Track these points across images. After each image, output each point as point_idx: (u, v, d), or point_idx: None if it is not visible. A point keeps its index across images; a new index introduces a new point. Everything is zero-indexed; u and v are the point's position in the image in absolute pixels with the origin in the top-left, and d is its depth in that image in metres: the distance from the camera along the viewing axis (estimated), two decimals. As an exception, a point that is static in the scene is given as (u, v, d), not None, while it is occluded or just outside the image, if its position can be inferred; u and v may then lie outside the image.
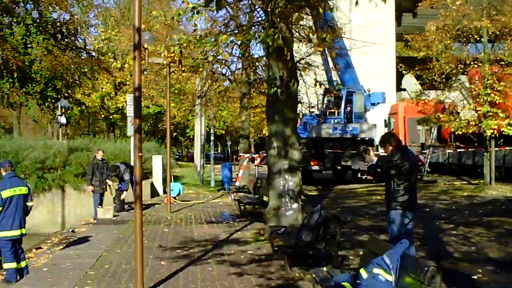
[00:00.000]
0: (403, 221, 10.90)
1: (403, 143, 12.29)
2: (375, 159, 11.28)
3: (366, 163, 11.79)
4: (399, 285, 7.96)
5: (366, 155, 11.62)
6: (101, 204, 23.04)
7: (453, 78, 34.82)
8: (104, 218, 22.49)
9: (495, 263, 13.17)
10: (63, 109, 39.30)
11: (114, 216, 22.95)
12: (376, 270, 8.13)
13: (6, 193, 13.66)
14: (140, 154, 10.85)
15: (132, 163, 25.30)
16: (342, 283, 8.27)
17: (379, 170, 11.16)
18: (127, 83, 62.18)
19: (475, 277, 11.91)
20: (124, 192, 24.64)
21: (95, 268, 13.52)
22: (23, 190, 14.11)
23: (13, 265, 13.84)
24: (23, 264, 14.26)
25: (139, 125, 10.99)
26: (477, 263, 13.14)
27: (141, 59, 11.18)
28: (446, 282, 10.89)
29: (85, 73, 46.32)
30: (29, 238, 15.94)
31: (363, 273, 8.30)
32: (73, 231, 20.68)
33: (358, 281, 8.21)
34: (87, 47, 51.74)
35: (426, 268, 7.25)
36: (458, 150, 40.05)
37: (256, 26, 16.55)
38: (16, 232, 13.83)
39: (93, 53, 52.12)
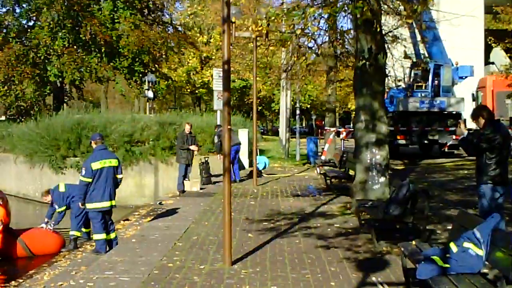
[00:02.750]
0: (494, 196, 10.73)
1: (494, 117, 12.02)
2: (465, 132, 11.11)
3: (457, 136, 11.65)
4: (490, 260, 7.88)
5: (456, 128, 11.49)
6: (185, 176, 23.26)
7: (544, 51, 34.03)
8: (191, 190, 22.77)
9: None
10: (150, 83, 39.77)
11: (201, 188, 23.21)
12: (466, 244, 8.05)
13: (96, 165, 13.90)
14: (229, 127, 10.92)
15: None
16: (432, 257, 8.19)
17: (470, 143, 11.00)
18: (213, 57, 62.62)
19: None
20: None
21: (183, 239, 13.72)
22: (113, 162, 14.33)
23: (103, 236, 14.10)
24: (112, 235, 14.51)
25: (228, 98, 11.07)
26: None
27: (230, 33, 11.22)
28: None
29: (172, 48, 46.69)
30: (117, 210, 16.22)
31: (453, 247, 8.22)
32: (160, 203, 20.97)
33: (447, 255, 8.13)
34: (173, 22, 52.23)
35: (518, 243, 7.15)
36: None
37: (344, -1, 16.42)
38: (105, 204, 14.06)
39: (180, 28, 52.57)
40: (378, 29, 15.96)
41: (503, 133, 10.85)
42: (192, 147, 23.06)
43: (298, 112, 39.68)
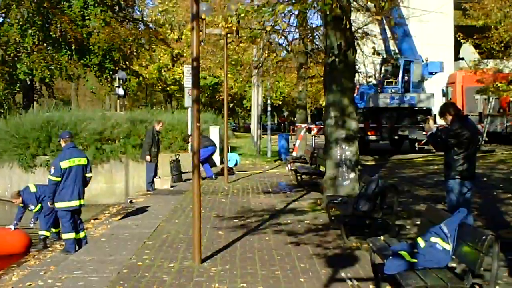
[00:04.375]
0: (462, 191, 10.81)
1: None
2: (434, 127, 11.19)
3: (426, 132, 11.69)
4: (457, 254, 7.95)
5: (425, 124, 11.54)
6: (156, 174, 23.20)
7: (512, 47, 34.32)
8: (162, 188, 22.70)
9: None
10: (121, 80, 39.58)
11: (171, 186, 23.15)
12: (433, 239, 8.12)
13: (65, 164, 13.87)
14: (198, 124, 10.90)
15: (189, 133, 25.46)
16: (400, 252, 8.24)
17: (438, 139, 11.07)
18: (184, 54, 62.51)
19: (534, 246, 11.76)
20: None
21: (153, 238, 13.66)
22: (82, 161, 14.30)
23: (72, 235, 14.07)
24: (82, 234, 14.49)
25: (197, 95, 11.04)
26: (536, 233, 13.00)
27: (199, 30, 11.19)
28: (504, 251, 10.79)
29: (143, 45, 46.63)
30: (87, 209, 16.23)
31: (421, 242, 8.28)
32: (131, 202, 20.90)
33: (415, 250, 8.19)
34: (144, 18, 52.10)
35: (484, 237, 7.22)
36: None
37: (314, -5, 16.45)
38: (74, 203, 14.04)
39: (150, 25, 52.42)
40: (348, 26, 16.00)
41: (470, 128, 10.92)
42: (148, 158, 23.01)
43: (269, 108, 39.73)
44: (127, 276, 10.26)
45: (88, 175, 14.53)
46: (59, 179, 13.81)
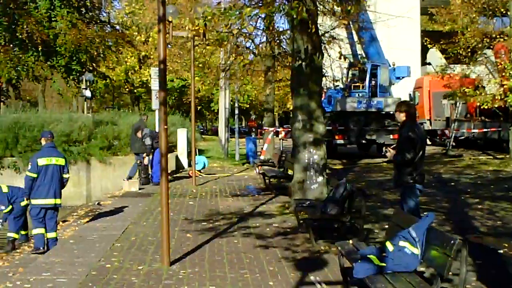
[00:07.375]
0: (416, 194, 10.90)
1: (417, 117, 12.13)
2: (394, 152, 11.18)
3: (390, 158, 11.64)
4: (425, 258, 8.00)
5: (387, 153, 11.50)
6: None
7: (479, 52, 34.57)
8: (130, 190, 22.64)
9: (521, 238, 13.13)
10: (88, 82, 39.43)
11: (139, 189, 23.09)
12: (402, 243, 8.16)
13: (42, 161, 14.19)
14: (165, 126, 10.88)
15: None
16: (368, 256, 8.29)
17: (406, 158, 10.94)
18: (151, 56, 62.38)
19: (501, 251, 11.88)
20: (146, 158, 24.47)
21: (121, 240, 13.62)
22: (60, 161, 14.58)
23: (41, 230, 14.37)
24: (53, 235, 14.58)
25: (164, 97, 11.03)
26: (503, 237, 13.09)
27: (166, 32, 11.19)
28: (472, 255, 10.90)
29: (110, 47, 46.43)
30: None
31: (389, 246, 8.32)
32: (98, 204, 20.83)
33: (384, 254, 8.24)
34: (111, 20, 51.95)
35: (452, 242, 7.26)
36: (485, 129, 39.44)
37: (281, -1, 16.50)
38: (49, 201, 14.36)
39: (117, 27, 52.25)
40: (314, 30, 16.04)
41: (419, 134, 10.90)
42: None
43: (237, 111, 39.73)
44: (95, 278, 10.22)
45: (65, 176, 14.85)
46: (35, 175, 14.14)
